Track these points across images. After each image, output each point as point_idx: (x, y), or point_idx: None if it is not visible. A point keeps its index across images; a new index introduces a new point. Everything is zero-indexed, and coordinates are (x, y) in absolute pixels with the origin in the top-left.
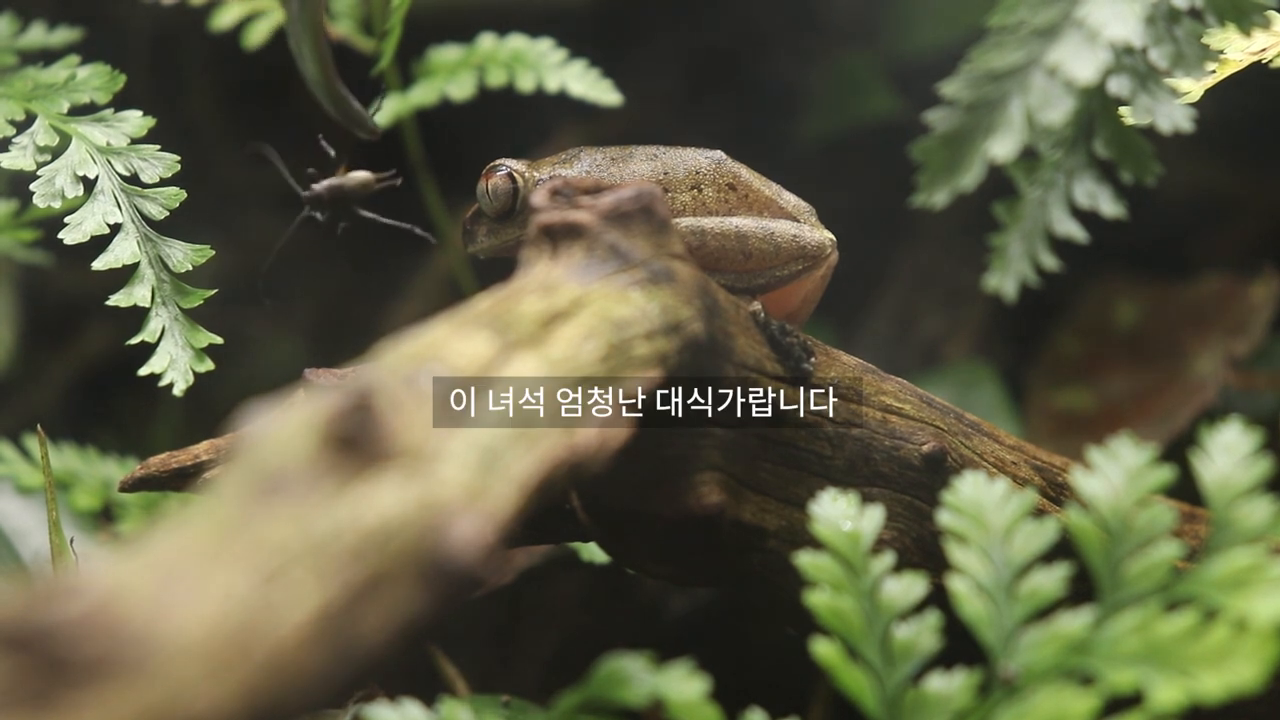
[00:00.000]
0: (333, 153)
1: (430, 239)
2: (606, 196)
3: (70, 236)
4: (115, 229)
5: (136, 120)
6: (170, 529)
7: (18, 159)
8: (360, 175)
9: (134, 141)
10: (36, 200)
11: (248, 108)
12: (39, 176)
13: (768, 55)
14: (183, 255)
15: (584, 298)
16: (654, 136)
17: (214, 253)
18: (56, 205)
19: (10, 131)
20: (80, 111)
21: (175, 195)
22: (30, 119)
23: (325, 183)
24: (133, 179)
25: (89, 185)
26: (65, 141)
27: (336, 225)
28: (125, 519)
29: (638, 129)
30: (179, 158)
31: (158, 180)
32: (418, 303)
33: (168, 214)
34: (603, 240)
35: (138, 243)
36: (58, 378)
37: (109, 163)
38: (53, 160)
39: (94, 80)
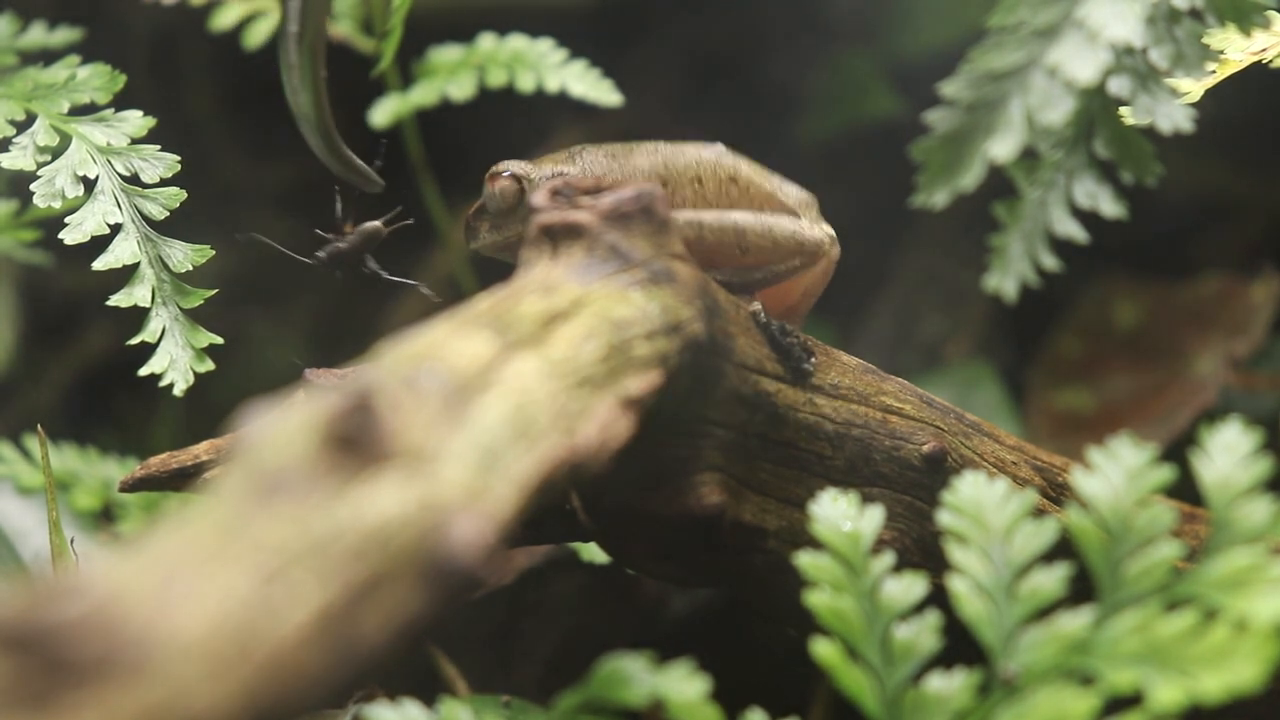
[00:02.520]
0: (340, 209)
1: (434, 297)
2: (606, 197)
3: (70, 236)
4: (115, 229)
5: (136, 120)
6: (170, 529)
7: (18, 159)
8: (368, 227)
9: (134, 141)
10: (36, 200)
11: (248, 108)
12: (39, 176)
13: (768, 55)
14: (183, 255)
15: (584, 298)
16: (654, 136)
17: (214, 253)
18: (56, 205)
19: (10, 131)
20: (80, 111)
21: (175, 195)
22: (30, 119)
23: (325, 250)
24: (133, 179)
25: (89, 185)
26: (65, 141)
27: (347, 276)
28: (125, 519)
29: (638, 129)
30: (179, 158)
31: (158, 180)
32: (418, 303)
33: (168, 214)
34: (603, 240)
35: (138, 243)
36: (58, 378)
37: (109, 163)
38: (53, 160)
39: (94, 80)
